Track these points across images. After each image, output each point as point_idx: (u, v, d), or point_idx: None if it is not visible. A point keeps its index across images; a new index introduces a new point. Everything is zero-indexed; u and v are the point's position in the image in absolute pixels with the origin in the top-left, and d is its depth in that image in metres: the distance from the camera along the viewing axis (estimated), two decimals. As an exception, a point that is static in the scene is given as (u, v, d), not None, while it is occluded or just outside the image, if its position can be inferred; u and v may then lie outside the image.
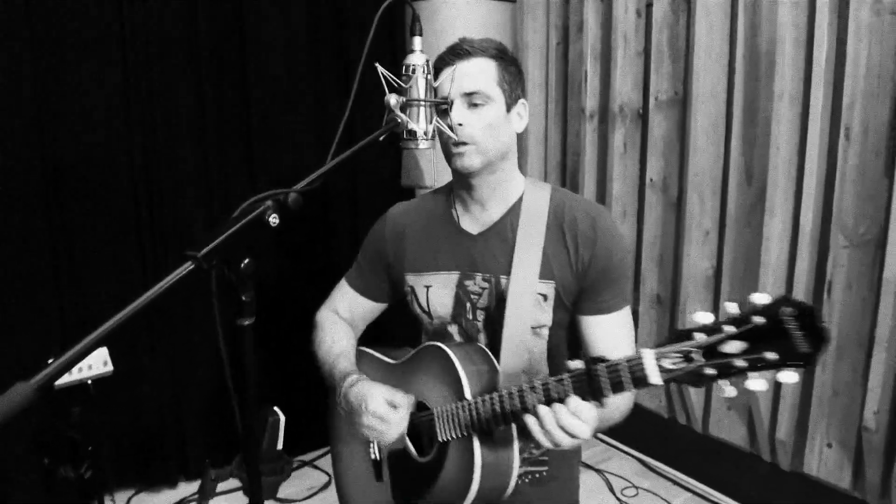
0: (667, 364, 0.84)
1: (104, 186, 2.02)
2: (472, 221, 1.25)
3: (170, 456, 2.17)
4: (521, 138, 2.52)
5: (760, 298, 0.79)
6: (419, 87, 0.93)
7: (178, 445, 2.19)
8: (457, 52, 1.17)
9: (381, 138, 0.85)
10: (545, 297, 1.18)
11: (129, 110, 2.02)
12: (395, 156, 0.98)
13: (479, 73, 1.15)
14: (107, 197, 2.03)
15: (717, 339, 0.80)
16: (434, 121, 0.93)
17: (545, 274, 1.17)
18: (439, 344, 1.16)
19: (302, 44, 2.31)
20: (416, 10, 0.99)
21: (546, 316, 1.18)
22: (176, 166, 2.12)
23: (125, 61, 2.01)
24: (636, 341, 1.24)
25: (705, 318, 0.83)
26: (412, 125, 0.92)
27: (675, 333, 0.85)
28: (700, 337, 0.82)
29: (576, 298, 1.19)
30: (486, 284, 1.22)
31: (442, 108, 1.07)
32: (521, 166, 2.64)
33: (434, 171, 0.96)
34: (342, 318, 1.39)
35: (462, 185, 1.23)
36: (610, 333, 1.18)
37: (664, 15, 2.12)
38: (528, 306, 1.15)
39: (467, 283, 1.23)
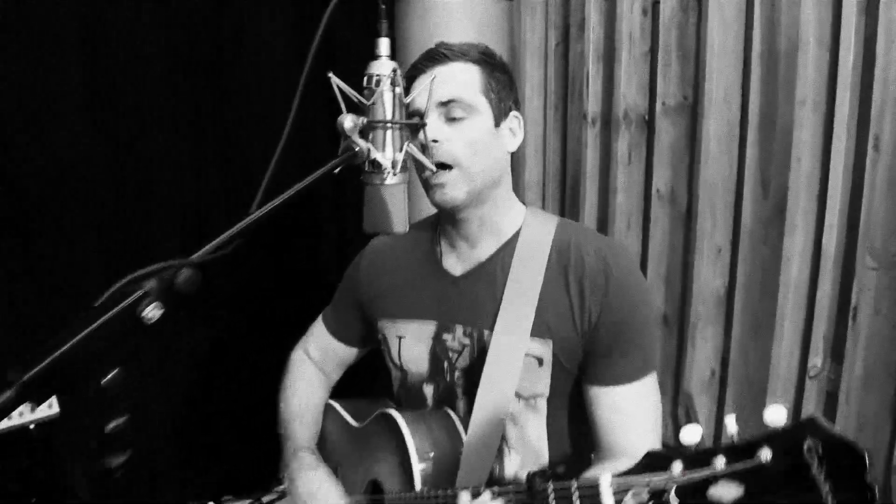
0: (630, 502, 0.61)
1: (68, 198, 1.86)
2: (457, 260, 1.06)
3: (138, 497, 2.01)
4: (518, 148, 2.37)
5: (775, 415, 0.53)
6: (384, 104, 0.74)
7: (147, 484, 2.03)
8: (432, 56, 0.99)
9: (337, 171, 0.68)
10: (540, 361, 0.96)
11: (95, 116, 1.86)
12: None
13: (458, 79, 0.97)
14: (71, 210, 1.87)
15: (701, 477, 0.55)
16: (405, 147, 0.75)
17: (540, 330, 0.95)
18: (394, 414, 0.97)
19: (288, 43, 2.15)
20: (384, 4, 0.80)
21: (542, 384, 0.96)
22: (148, 176, 1.97)
23: (91, 61, 1.84)
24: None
25: (692, 435, 0.58)
26: (376, 154, 0.73)
27: (648, 458, 0.61)
28: (677, 469, 0.57)
29: (582, 362, 0.97)
30: (466, 340, 1.01)
31: (417, 127, 0.89)
32: (518, 184, 2.49)
33: (407, 213, 0.77)
34: (313, 359, 1.22)
35: (447, 219, 1.04)
36: (624, 411, 0.94)
37: (672, 13, 1.96)
38: (513, 371, 0.94)
39: (445, 336, 1.03)
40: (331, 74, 0.73)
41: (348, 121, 0.71)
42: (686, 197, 2.01)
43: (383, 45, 0.78)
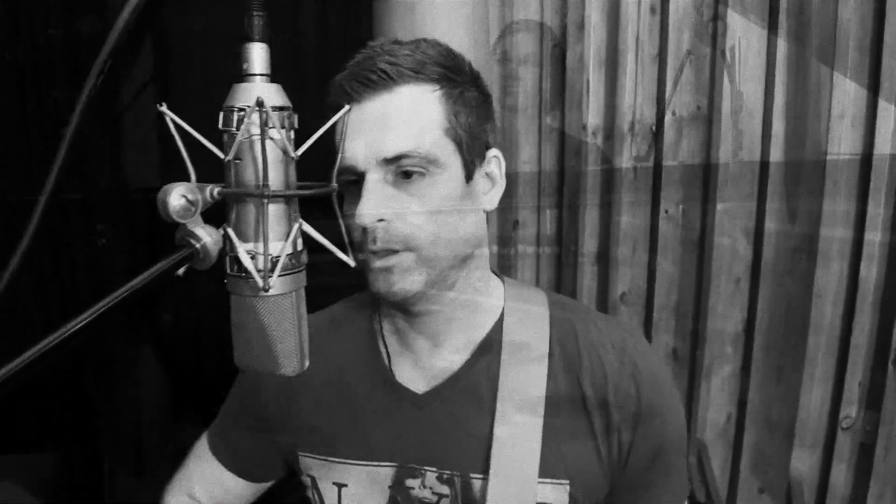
0: None
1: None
2: (416, 369, 0.75)
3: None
4: (509, 161, 2.17)
5: None
6: (255, 160, 0.43)
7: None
8: (366, 77, 0.65)
9: (180, 272, 0.41)
10: None
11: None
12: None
13: (410, 119, 0.65)
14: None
15: None
16: (295, 230, 0.45)
17: (552, 469, 0.69)
18: None
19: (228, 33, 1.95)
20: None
21: None
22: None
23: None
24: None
25: None
26: (239, 250, 0.43)
27: None
28: None
29: (603, 499, 0.73)
30: (444, 489, 0.72)
31: (325, 196, 0.54)
32: (510, 203, 2.28)
33: (305, 339, 0.46)
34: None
35: (395, 306, 0.75)
36: None
37: (685, 11, 1.78)
38: None
39: (411, 483, 0.74)
40: (163, 107, 0.42)
41: (174, 197, 0.40)
42: (700, 220, 1.84)
43: (256, 55, 0.45)
